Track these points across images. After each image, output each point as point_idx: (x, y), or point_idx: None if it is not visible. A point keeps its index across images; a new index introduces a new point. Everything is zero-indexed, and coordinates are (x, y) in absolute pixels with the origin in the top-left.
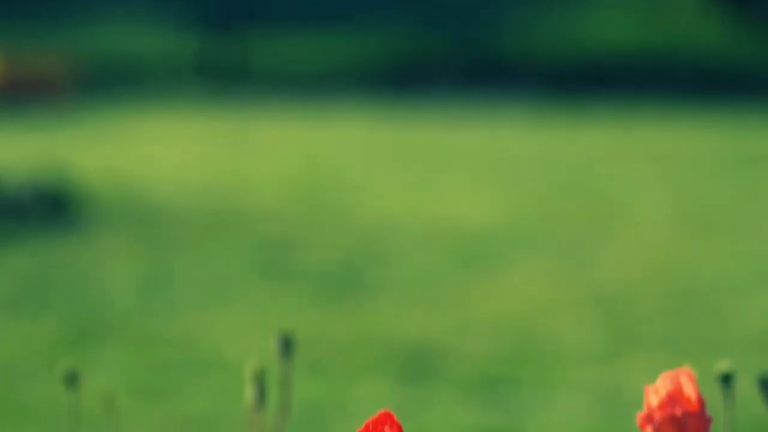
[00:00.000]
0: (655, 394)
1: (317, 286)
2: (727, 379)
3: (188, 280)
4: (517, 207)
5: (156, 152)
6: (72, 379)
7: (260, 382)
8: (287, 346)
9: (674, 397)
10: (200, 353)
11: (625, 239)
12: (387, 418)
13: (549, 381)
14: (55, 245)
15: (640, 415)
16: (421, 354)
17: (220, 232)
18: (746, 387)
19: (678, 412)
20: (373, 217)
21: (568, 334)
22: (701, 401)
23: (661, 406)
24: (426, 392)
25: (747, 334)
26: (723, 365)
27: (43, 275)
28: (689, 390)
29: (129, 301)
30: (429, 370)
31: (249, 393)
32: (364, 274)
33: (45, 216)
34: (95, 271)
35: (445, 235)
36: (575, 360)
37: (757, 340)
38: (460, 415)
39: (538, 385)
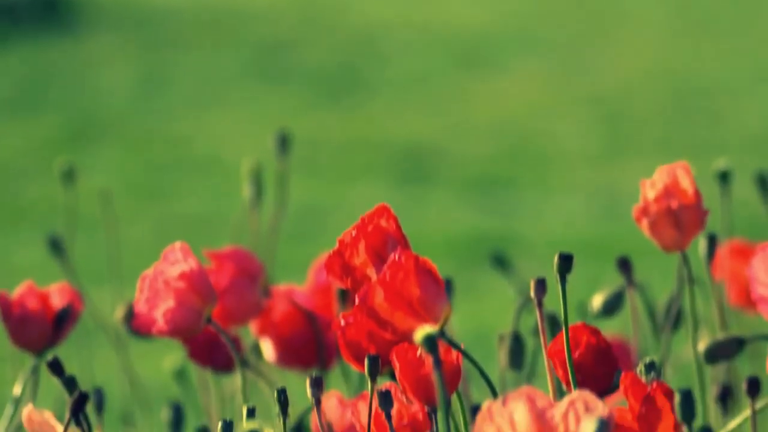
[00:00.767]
0: (651, 187)
1: (314, 87)
2: (724, 177)
3: (185, 81)
4: (515, 8)
5: None
6: (69, 176)
7: (257, 180)
8: (284, 143)
9: (670, 189)
10: (197, 153)
11: (623, 40)
12: (384, 211)
13: (545, 182)
14: (50, 46)
15: (636, 208)
16: (418, 155)
17: (216, 32)
18: (744, 188)
19: (674, 204)
20: (368, 19)
21: (565, 136)
22: (698, 194)
23: (657, 198)
24: (422, 193)
25: (745, 135)
26: (720, 163)
27: (38, 76)
28: (686, 183)
29: (125, 102)
30: (425, 171)
31: (246, 191)
32: (360, 75)
33: (39, 17)
34: (91, 71)
35: (441, 37)
36: (572, 162)
37: (756, 141)
38: (456, 217)
39: (535, 186)
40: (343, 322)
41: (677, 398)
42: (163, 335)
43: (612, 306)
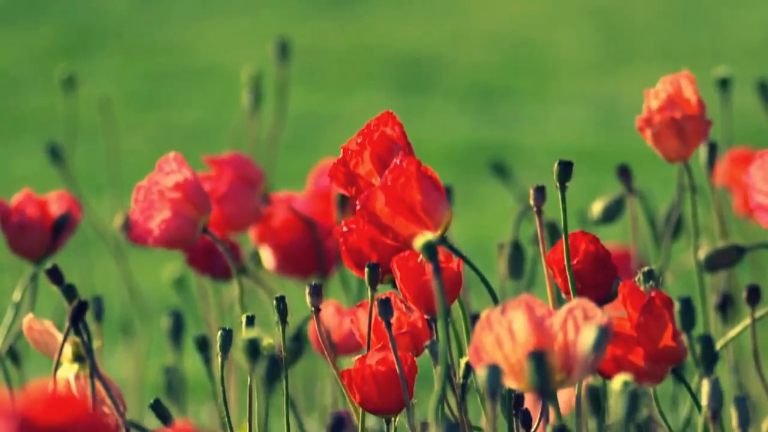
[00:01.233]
0: (654, 97)
1: None
2: (724, 84)
3: None
4: None
5: None
6: (69, 84)
7: (256, 88)
8: (284, 51)
9: (674, 99)
10: (196, 63)
11: None
12: (389, 118)
13: (545, 92)
14: None
15: (639, 119)
16: (418, 64)
17: None
18: (744, 97)
19: (677, 114)
20: None
21: (565, 46)
22: (701, 104)
23: (661, 108)
24: (421, 102)
25: (746, 44)
26: (720, 71)
27: None
28: (689, 93)
29: (125, 11)
30: (425, 80)
31: (245, 99)
32: None
33: None
34: None
35: None
36: (572, 71)
37: (755, 50)
38: (455, 126)
39: (534, 95)
40: (344, 228)
41: (677, 307)
42: (158, 246)
43: (612, 213)
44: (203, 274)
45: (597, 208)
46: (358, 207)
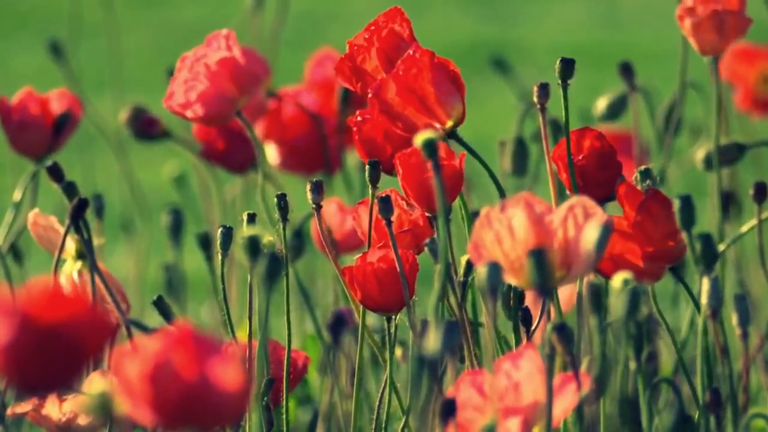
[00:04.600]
0: None
1: None
2: None
3: None
4: None
5: None
6: None
7: None
8: None
9: None
10: None
11: None
12: (397, 14)
13: None
14: None
15: (680, 7)
16: None
17: None
18: None
19: (719, 7)
20: None
21: None
22: (742, 0)
23: (704, 0)
24: (422, 0)
25: None
26: None
27: None
28: None
29: None
30: None
31: None
32: None
33: None
34: None
35: None
36: None
37: None
38: (455, 24)
39: None
40: (359, 118)
41: (676, 204)
42: (196, 120)
43: (616, 110)
44: (218, 165)
45: (601, 105)
46: (369, 95)
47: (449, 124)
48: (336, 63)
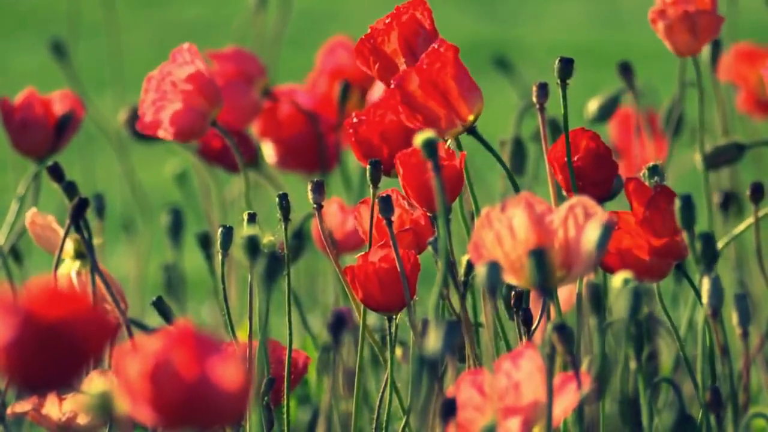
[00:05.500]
0: None
1: None
2: None
3: None
4: None
5: None
6: None
7: None
8: None
9: None
10: None
11: None
12: (420, 3)
13: None
14: None
15: (652, 10)
16: None
17: None
18: None
19: (691, 8)
20: None
21: None
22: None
23: (675, 1)
24: None
25: None
26: None
27: None
28: None
29: None
30: None
31: None
32: None
33: None
34: None
35: None
36: None
37: None
38: (455, 23)
39: None
40: (355, 120)
41: (677, 204)
42: (168, 138)
43: (608, 110)
44: (215, 165)
45: (593, 106)
46: (392, 85)
47: (470, 119)
48: (356, 45)
